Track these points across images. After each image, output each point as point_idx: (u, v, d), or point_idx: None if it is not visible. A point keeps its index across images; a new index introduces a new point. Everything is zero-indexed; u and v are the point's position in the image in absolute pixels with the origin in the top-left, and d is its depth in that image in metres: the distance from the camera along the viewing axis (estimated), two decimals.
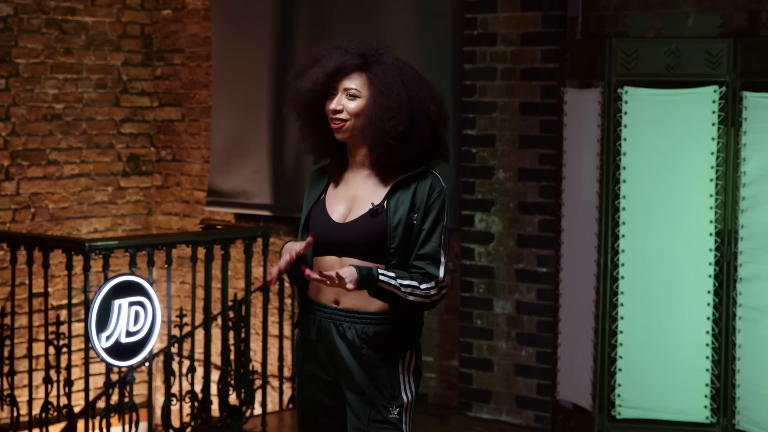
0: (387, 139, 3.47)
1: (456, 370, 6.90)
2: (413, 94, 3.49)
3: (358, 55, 3.52)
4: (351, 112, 3.51)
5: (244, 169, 7.98)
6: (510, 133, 6.62)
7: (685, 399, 5.78)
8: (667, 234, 5.78)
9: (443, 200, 3.53)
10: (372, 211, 3.50)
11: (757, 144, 5.59)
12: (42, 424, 6.01)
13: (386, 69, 3.50)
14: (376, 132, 3.47)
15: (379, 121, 3.46)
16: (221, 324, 6.40)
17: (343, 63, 3.51)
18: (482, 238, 6.71)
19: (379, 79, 3.49)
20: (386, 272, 3.43)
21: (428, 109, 3.51)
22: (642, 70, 5.77)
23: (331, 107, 3.52)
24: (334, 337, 3.54)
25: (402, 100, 3.47)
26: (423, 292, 3.48)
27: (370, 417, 3.51)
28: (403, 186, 3.52)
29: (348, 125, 3.51)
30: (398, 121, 3.46)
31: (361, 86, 3.51)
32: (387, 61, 3.52)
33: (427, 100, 3.51)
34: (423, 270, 3.49)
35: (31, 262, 6.02)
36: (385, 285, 3.42)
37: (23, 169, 7.96)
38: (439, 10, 6.94)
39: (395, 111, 3.46)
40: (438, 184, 3.54)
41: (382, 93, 3.47)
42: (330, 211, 3.57)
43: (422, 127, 3.49)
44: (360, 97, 3.50)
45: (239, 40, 7.94)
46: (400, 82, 3.49)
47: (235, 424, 6.35)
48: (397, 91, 3.47)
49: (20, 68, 7.90)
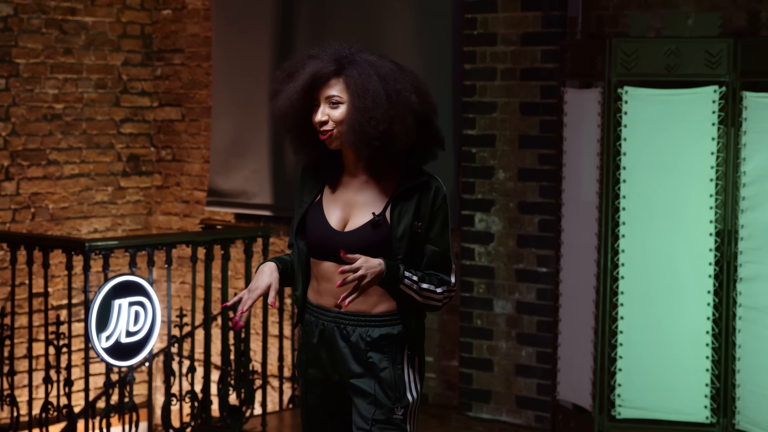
0: (369, 141, 3.41)
1: (456, 370, 6.90)
2: (391, 89, 3.42)
3: (331, 60, 3.46)
4: (336, 120, 3.45)
5: (244, 169, 7.98)
6: (510, 133, 6.62)
7: (685, 399, 5.78)
8: (667, 234, 5.78)
9: (447, 205, 3.53)
10: (373, 222, 3.47)
11: (757, 144, 5.59)
12: (42, 424, 6.02)
13: (360, 69, 3.44)
14: (357, 136, 3.41)
15: (358, 124, 3.40)
16: (221, 324, 6.40)
17: (318, 72, 3.45)
18: (482, 238, 6.71)
19: (354, 81, 3.42)
20: (411, 275, 3.43)
21: (408, 100, 3.43)
22: (642, 70, 5.77)
23: (317, 119, 3.47)
24: (337, 341, 3.52)
25: (379, 98, 3.40)
26: (438, 296, 3.49)
27: (375, 417, 3.49)
28: (406, 195, 3.49)
29: (335, 133, 3.46)
30: (377, 120, 3.39)
31: (341, 91, 3.45)
32: (361, 60, 3.46)
33: (406, 91, 3.44)
34: (438, 276, 3.50)
35: (31, 262, 6.02)
36: (406, 288, 3.43)
37: (23, 169, 7.96)
38: (439, 10, 6.94)
39: (372, 111, 3.39)
40: (441, 189, 3.51)
41: (358, 95, 3.41)
42: (327, 216, 3.53)
43: (405, 121, 3.41)
44: (343, 103, 3.45)
45: (239, 40, 7.94)
46: (375, 79, 3.42)
47: (235, 424, 6.35)
48: (372, 90, 3.40)
49: (20, 68, 7.90)
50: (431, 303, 3.48)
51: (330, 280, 3.51)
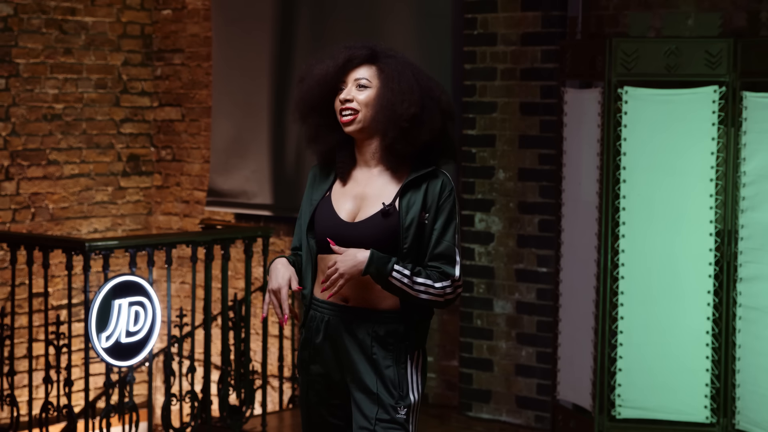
0: (400, 122, 3.45)
1: (456, 370, 6.90)
2: (423, 84, 3.51)
3: (366, 48, 3.54)
4: (362, 103, 3.49)
5: (244, 169, 7.98)
6: (510, 133, 6.62)
7: (685, 399, 5.78)
8: (667, 234, 5.78)
9: (454, 199, 3.53)
10: (383, 211, 3.48)
11: (757, 144, 5.59)
12: (42, 424, 6.02)
13: (395, 61, 3.52)
14: (389, 115, 3.46)
15: (391, 104, 3.46)
16: (221, 324, 6.40)
17: (353, 54, 3.51)
18: (482, 238, 6.71)
19: (389, 68, 3.50)
20: (402, 269, 3.42)
21: (438, 97, 3.52)
22: (642, 70, 5.77)
23: (342, 97, 3.51)
24: (343, 336, 3.51)
25: (413, 85, 3.48)
26: (437, 291, 3.46)
27: (378, 416, 3.49)
28: (414, 186, 3.50)
29: (359, 117, 3.50)
30: (410, 103, 3.45)
31: (372, 76, 3.51)
32: (396, 56, 3.55)
33: (436, 89, 3.53)
34: (440, 269, 3.48)
35: (31, 262, 6.02)
36: (395, 281, 3.41)
37: (23, 169, 7.96)
38: (439, 10, 6.94)
39: (407, 94, 3.46)
40: (448, 183, 3.53)
41: (393, 78, 3.48)
42: (337, 209, 3.54)
43: (433, 114, 3.50)
44: (370, 87, 3.50)
45: (239, 40, 7.94)
46: (409, 72, 3.51)
47: (235, 424, 6.35)
48: (407, 77, 3.48)
49: (20, 68, 7.90)
50: (429, 298, 3.45)
51: None
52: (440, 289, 3.46)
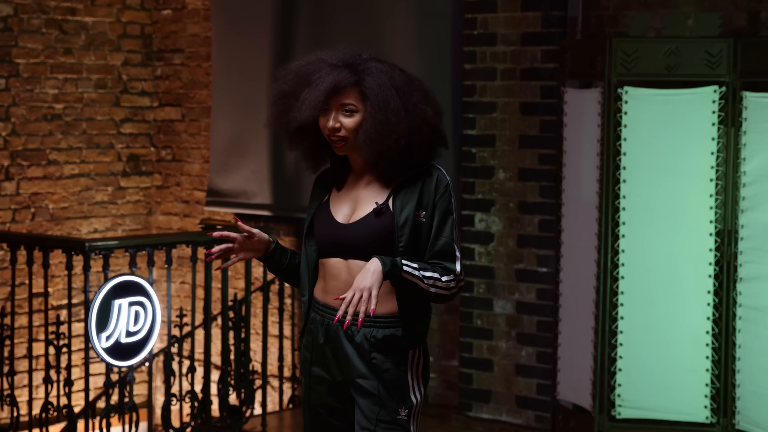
0: (390, 155, 3.43)
1: (456, 370, 6.90)
2: (407, 102, 3.43)
3: (346, 66, 3.44)
4: (350, 129, 3.44)
5: (243, 169, 7.98)
6: (510, 133, 6.62)
7: (685, 399, 5.78)
8: (667, 234, 5.78)
9: (450, 194, 3.51)
10: (376, 210, 3.47)
11: (757, 144, 5.59)
12: (42, 424, 6.02)
13: (378, 80, 3.42)
14: (378, 149, 3.42)
15: (379, 137, 3.40)
16: (221, 324, 6.40)
17: (339, 82, 3.42)
18: (482, 238, 6.71)
19: (374, 93, 3.41)
20: (410, 263, 3.40)
21: (424, 113, 3.45)
22: (642, 70, 5.77)
23: (329, 125, 3.45)
24: (342, 340, 3.52)
25: (398, 112, 3.40)
26: (444, 284, 3.45)
27: (379, 417, 3.49)
28: (409, 184, 3.49)
29: (349, 142, 3.46)
30: (399, 135, 3.40)
31: (356, 100, 3.43)
32: (376, 70, 3.44)
33: (421, 104, 3.45)
34: (441, 265, 3.47)
35: (31, 262, 6.02)
36: (408, 276, 3.40)
37: (23, 169, 7.96)
38: (439, 10, 6.94)
39: (394, 125, 3.40)
40: (443, 178, 3.51)
41: (379, 108, 3.40)
42: (334, 213, 3.54)
43: (422, 132, 3.45)
44: (357, 112, 3.44)
45: (239, 41, 7.94)
46: (393, 92, 3.42)
47: (235, 424, 6.35)
48: (393, 104, 3.40)
49: (20, 68, 7.90)
50: (437, 292, 3.44)
51: (337, 278, 3.51)
52: (446, 283, 3.45)
